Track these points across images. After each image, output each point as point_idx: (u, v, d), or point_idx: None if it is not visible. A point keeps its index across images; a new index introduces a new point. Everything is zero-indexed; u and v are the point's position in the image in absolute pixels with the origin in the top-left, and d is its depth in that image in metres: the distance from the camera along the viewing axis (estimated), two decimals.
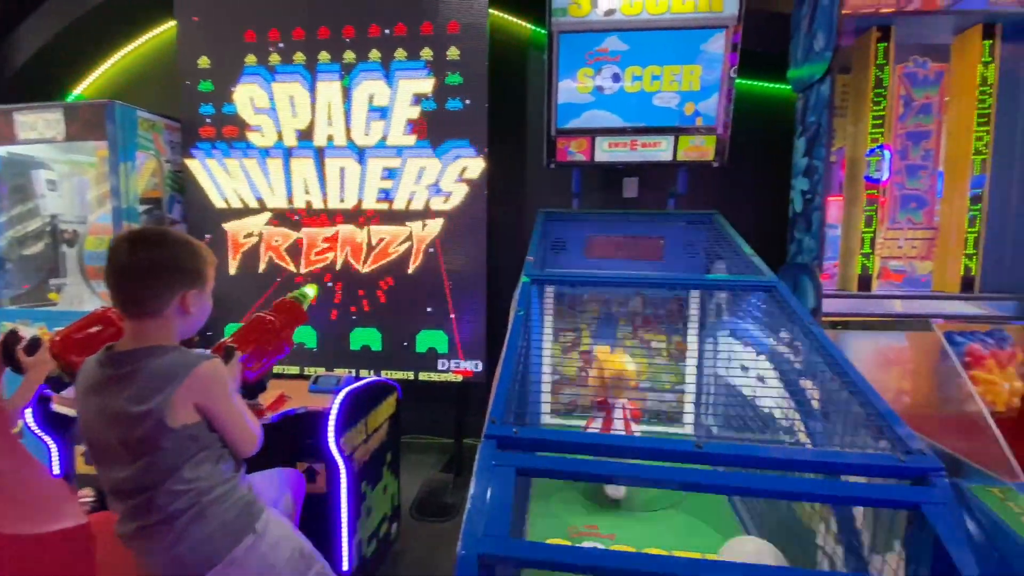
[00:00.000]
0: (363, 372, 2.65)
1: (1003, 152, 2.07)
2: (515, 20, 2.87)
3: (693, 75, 2.15)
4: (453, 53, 2.47)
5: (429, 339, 2.62)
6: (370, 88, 2.53)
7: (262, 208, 2.71)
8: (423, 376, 2.65)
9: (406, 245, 2.61)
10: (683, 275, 2.34)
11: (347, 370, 2.64)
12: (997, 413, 1.97)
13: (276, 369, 2.63)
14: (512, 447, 1.06)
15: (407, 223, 2.60)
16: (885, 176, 2.13)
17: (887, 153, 2.09)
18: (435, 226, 2.58)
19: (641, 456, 1.05)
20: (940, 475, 0.95)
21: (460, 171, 2.52)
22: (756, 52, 2.43)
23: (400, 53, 2.50)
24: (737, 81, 2.15)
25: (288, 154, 2.65)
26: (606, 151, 2.27)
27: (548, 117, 2.28)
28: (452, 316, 2.60)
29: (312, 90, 2.58)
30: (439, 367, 2.63)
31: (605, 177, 2.87)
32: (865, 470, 1.01)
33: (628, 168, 2.57)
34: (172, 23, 2.78)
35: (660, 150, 2.23)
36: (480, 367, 2.60)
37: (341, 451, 1.66)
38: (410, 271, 2.61)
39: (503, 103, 2.91)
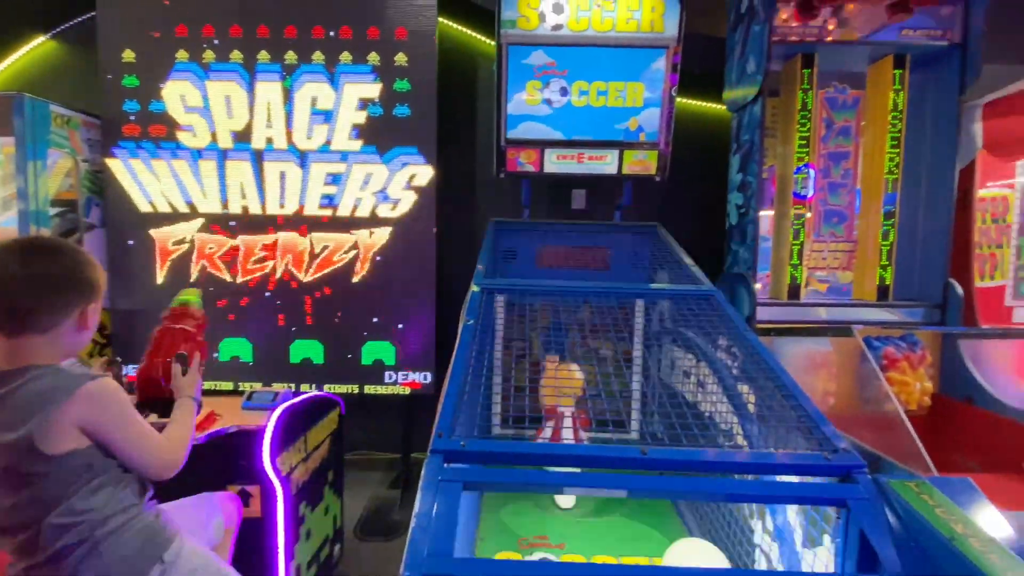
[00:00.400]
0: (304, 387, 2.53)
1: (912, 172, 2.28)
2: (465, 30, 2.88)
3: (637, 92, 2.23)
4: (402, 59, 2.43)
5: (375, 351, 2.54)
6: (313, 91, 2.45)
7: (194, 213, 2.54)
8: (369, 389, 2.56)
9: (352, 253, 2.52)
10: (628, 285, 2.40)
11: (286, 385, 2.51)
12: (910, 411, 2.14)
13: (206, 385, 2.47)
14: (459, 460, 1.04)
15: (353, 231, 2.51)
16: (811, 193, 2.29)
17: (812, 171, 2.25)
18: (382, 234, 2.51)
19: (589, 464, 1.05)
20: (863, 472, 1.01)
21: (408, 178, 2.48)
22: (695, 73, 2.56)
23: (346, 56, 2.43)
24: (678, 100, 2.25)
25: (223, 156, 2.50)
26: (555, 163, 2.30)
27: (498, 127, 2.29)
28: (400, 326, 2.53)
29: (250, 90, 2.46)
30: (386, 379, 2.55)
31: (555, 188, 2.92)
32: (796, 469, 1.06)
33: (576, 180, 2.63)
34: (92, 13, 2.57)
35: (606, 164, 2.29)
36: (429, 379, 2.55)
37: (277, 471, 1.56)
38: (356, 280, 2.53)
39: (454, 112, 2.90)
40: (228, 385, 2.53)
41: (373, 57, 2.44)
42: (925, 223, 2.23)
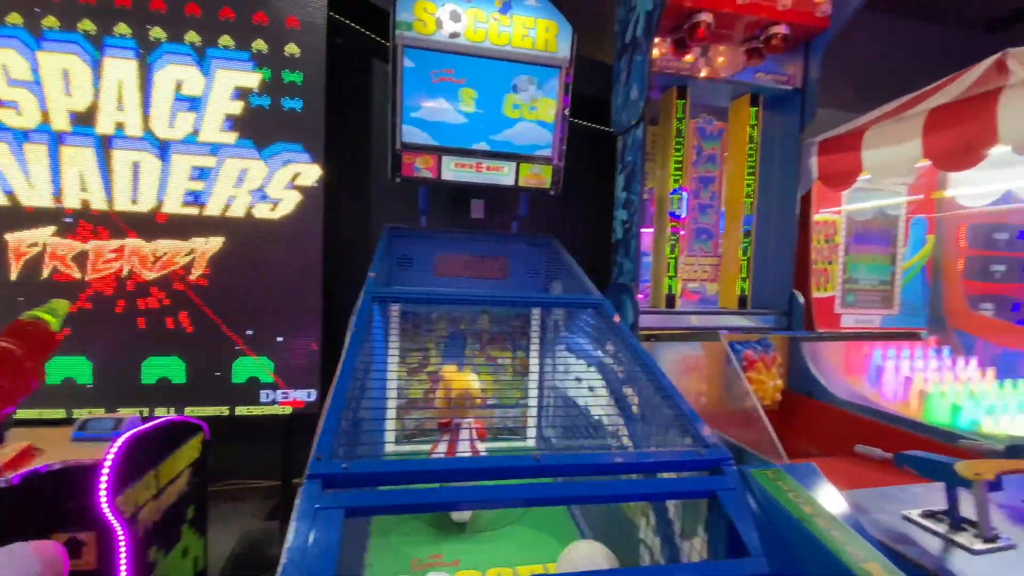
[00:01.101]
0: (160, 411, 2.19)
1: (765, 197, 2.62)
2: (363, 30, 2.76)
3: (534, 105, 2.29)
4: (293, 49, 2.26)
5: (249, 367, 2.29)
6: (178, 73, 2.17)
7: (14, 205, 2.10)
8: (241, 411, 2.29)
9: (222, 256, 2.26)
10: (525, 294, 2.45)
11: (137, 410, 2.15)
12: (765, 406, 2.43)
13: (26, 414, 2.03)
14: (341, 485, 0.95)
15: (224, 231, 2.25)
16: (684, 213, 2.53)
17: (685, 194, 2.48)
18: (260, 235, 2.28)
19: (481, 477, 1.02)
20: (730, 464, 1.10)
21: (292, 177, 2.29)
22: (589, 96, 2.71)
23: (226, 40, 2.19)
24: (573, 120, 2.36)
25: (57, 140, 2.11)
26: (453, 171, 2.28)
27: (393, 131, 2.21)
28: (280, 339, 2.31)
29: (96, 66, 2.11)
30: (262, 399, 2.30)
31: (454, 197, 2.89)
32: (672, 466, 1.13)
33: (475, 189, 2.63)
34: None
35: (503, 175, 2.32)
36: (314, 396, 2.35)
37: (118, 513, 1.32)
38: (227, 287, 2.26)
39: (351, 111, 2.75)
40: (59, 413, 2.11)
41: (259, 44, 2.23)
42: (775, 241, 2.56)
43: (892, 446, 1.92)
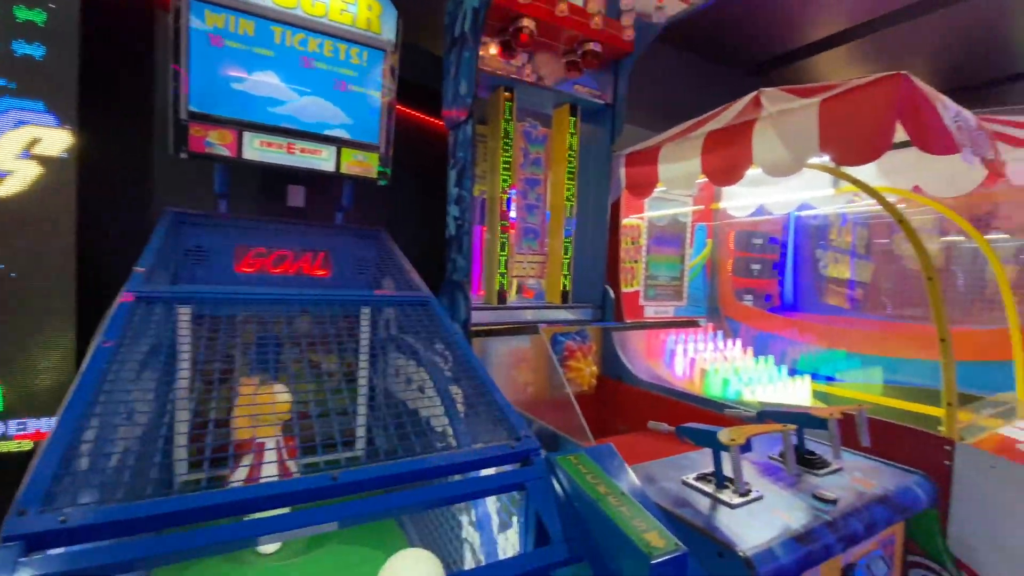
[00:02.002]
0: None
1: (583, 202, 2.85)
2: None
3: (355, 89, 2.12)
4: None
5: None
6: None
7: None
8: None
9: None
10: (346, 292, 2.25)
11: None
12: (584, 392, 2.66)
13: None
14: (56, 543, 0.72)
15: None
16: (514, 212, 2.61)
17: (513, 193, 2.57)
18: None
19: (267, 506, 0.88)
20: (538, 454, 1.13)
21: (27, 144, 1.76)
22: (428, 88, 2.62)
23: None
24: (409, 110, 2.24)
25: None
26: (257, 149, 1.99)
27: (177, 97, 1.84)
28: (13, 354, 1.76)
29: None
30: None
31: (267, 181, 2.55)
32: (487, 463, 1.12)
33: (295, 174, 2.35)
34: None
35: (322, 159, 2.11)
36: None
37: None
38: None
39: (127, 72, 2.23)
40: None
41: None
42: (591, 242, 2.81)
43: (681, 418, 2.24)
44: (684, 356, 2.98)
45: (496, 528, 1.29)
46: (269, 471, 1.64)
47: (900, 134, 1.80)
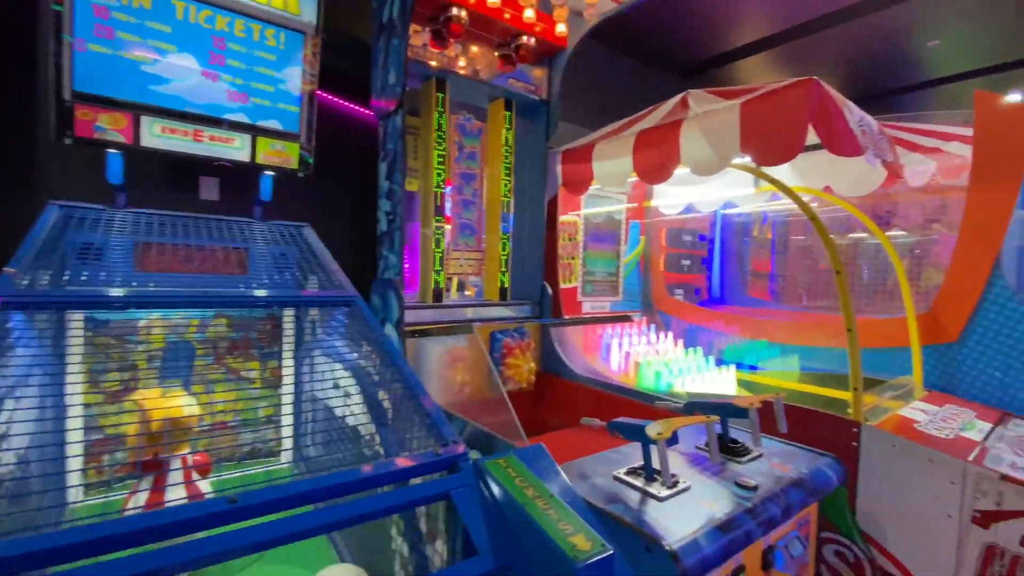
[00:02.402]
0: None
1: (520, 198, 2.82)
2: None
3: (271, 74, 1.97)
4: None
5: None
6: None
7: None
8: None
9: None
10: (257, 291, 2.10)
11: None
12: (524, 388, 2.64)
13: None
14: None
15: None
16: (449, 208, 2.54)
17: (448, 189, 2.50)
18: None
19: (165, 535, 0.77)
20: (465, 460, 1.09)
21: None
22: (357, 76, 2.49)
23: None
24: (339, 99, 2.11)
25: None
26: (158, 136, 1.80)
27: (58, 73, 1.62)
28: None
29: None
30: None
31: (176, 172, 2.32)
32: (410, 472, 1.05)
33: (207, 165, 2.15)
34: None
35: (235, 148, 1.94)
36: None
37: None
38: None
39: (5, 48, 1.95)
40: None
41: None
42: (529, 239, 2.79)
43: (617, 410, 2.27)
44: (619, 350, 3.04)
45: (426, 538, 1.23)
46: (177, 493, 1.49)
47: (812, 137, 1.91)
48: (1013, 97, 2.38)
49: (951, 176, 2.71)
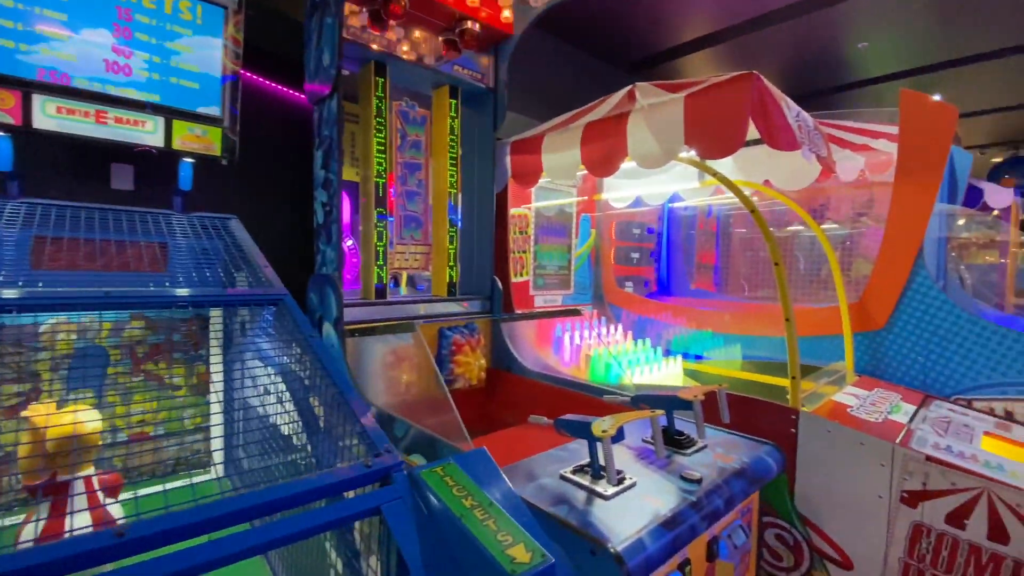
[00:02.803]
0: None
1: (468, 190, 2.74)
2: None
3: (186, 49, 1.79)
4: None
5: None
6: None
7: None
8: None
9: None
10: (175, 290, 1.92)
11: None
12: (474, 386, 2.58)
13: None
14: None
15: None
16: (391, 198, 2.43)
17: (391, 178, 2.38)
18: None
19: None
20: (400, 470, 1.01)
21: None
22: (293, 58, 2.31)
23: None
24: (273, 82, 1.94)
25: None
26: (53, 117, 1.59)
27: None
28: None
29: None
30: None
31: (84, 158, 2.09)
32: (339, 487, 0.97)
33: (118, 151, 1.94)
34: None
35: (146, 131, 1.75)
36: None
37: None
38: None
39: None
40: None
41: None
42: (478, 232, 2.72)
43: (566, 405, 2.24)
44: (571, 343, 3.03)
45: (361, 554, 1.15)
46: (81, 519, 1.33)
47: (753, 133, 1.94)
48: (936, 98, 2.52)
49: (878, 172, 2.86)
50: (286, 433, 1.52)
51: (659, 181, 3.34)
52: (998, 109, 5.95)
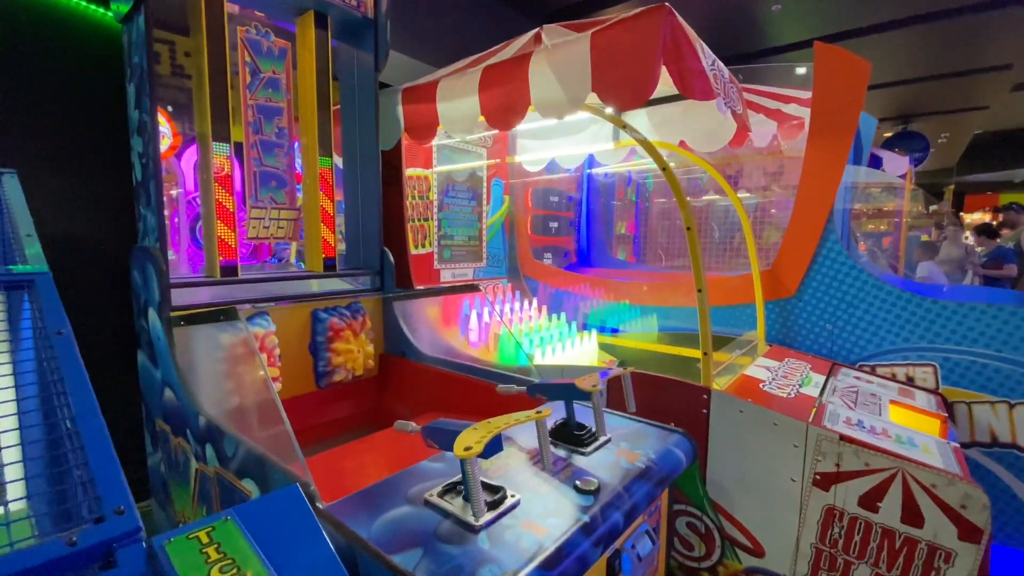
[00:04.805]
0: None
1: (349, 143, 2.31)
2: None
3: None
4: None
5: None
6: None
7: None
8: None
9: None
10: None
11: None
12: (360, 377, 2.22)
13: None
14: None
15: None
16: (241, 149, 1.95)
17: (242, 126, 1.91)
18: None
19: None
20: (136, 540, 0.66)
21: None
22: None
23: None
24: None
25: None
26: None
27: None
28: None
29: None
30: None
31: None
32: (32, 574, 0.60)
33: None
34: None
35: None
36: None
37: None
38: None
39: None
40: None
41: None
42: (362, 194, 2.31)
43: (465, 395, 1.95)
44: (479, 322, 2.73)
45: None
46: None
47: (667, 90, 1.70)
48: None
49: (789, 137, 2.77)
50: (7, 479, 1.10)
51: (573, 142, 3.07)
52: (893, 83, 6.27)
